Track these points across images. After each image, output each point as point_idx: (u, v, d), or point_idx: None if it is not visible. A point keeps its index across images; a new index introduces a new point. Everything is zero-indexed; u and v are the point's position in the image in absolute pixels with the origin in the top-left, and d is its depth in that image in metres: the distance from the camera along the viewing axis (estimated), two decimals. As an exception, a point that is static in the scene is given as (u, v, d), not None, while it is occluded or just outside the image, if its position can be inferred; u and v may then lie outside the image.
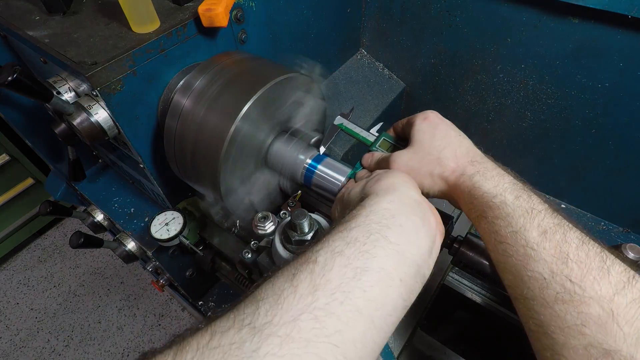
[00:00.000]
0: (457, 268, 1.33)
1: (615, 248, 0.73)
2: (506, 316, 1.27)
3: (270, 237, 0.82)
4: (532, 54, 1.48)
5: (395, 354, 1.05)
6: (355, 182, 0.88)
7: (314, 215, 0.78)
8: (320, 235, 0.75)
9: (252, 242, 0.89)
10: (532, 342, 0.65)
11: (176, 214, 1.33)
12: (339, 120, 1.14)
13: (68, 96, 1.03)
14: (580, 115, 1.51)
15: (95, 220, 1.56)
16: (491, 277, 0.88)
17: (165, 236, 1.29)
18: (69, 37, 1.02)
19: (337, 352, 0.44)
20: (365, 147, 1.11)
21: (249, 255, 0.89)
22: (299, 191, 1.10)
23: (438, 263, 1.23)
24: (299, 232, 0.75)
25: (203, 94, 1.01)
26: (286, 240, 0.77)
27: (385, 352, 0.85)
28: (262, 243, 0.86)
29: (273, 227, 0.83)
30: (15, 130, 1.45)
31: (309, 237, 0.75)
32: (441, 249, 0.92)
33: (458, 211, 1.33)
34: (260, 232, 0.83)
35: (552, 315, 0.59)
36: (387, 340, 0.82)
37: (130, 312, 2.83)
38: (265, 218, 0.83)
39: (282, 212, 0.90)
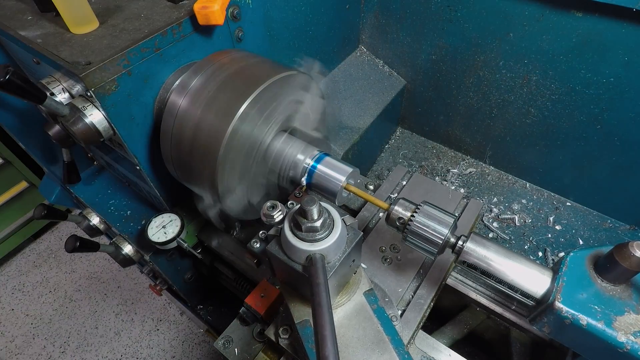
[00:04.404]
0: (459, 267, 1.31)
1: (622, 246, 0.70)
2: (512, 316, 1.24)
3: (279, 226, 0.81)
4: (535, 49, 1.47)
5: (407, 338, 1.04)
6: None
7: (323, 203, 0.77)
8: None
9: (261, 232, 0.88)
10: None
11: (173, 217, 1.31)
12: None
13: (62, 97, 1.00)
14: (585, 111, 1.50)
15: (91, 223, 1.54)
16: (496, 276, 0.86)
17: (162, 239, 1.28)
18: (61, 37, 1.00)
19: None
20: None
21: (258, 245, 0.88)
22: (305, 183, 1.09)
23: (439, 263, 1.22)
24: (309, 219, 0.74)
25: (199, 94, 0.98)
26: (296, 227, 0.76)
27: (396, 340, 0.84)
28: (271, 232, 0.85)
29: (281, 216, 0.82)
30: (8, 133, 1.43)
31: (318, 224, 0.74)
32: (443, 250, 0.91)
33: (460, 209, 1.31)
34: (269, 221, 0.82)
35: None
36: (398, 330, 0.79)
37: (127, 317, 2.79)
38: (274, 207, 0.82)
39: (289, 202, 0.88)
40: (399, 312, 1.09)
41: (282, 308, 1.00)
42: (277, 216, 0.82)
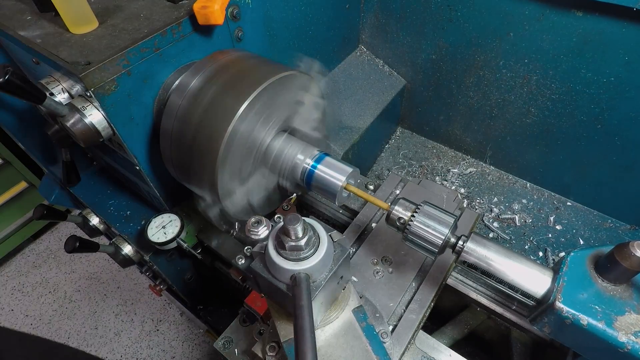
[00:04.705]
0: (459, 267, 1.31)
1: (623, 246, 0.70)
2: (512, 317, 1.24)
3: (264, 243, 0.78)
4: (535, 49, 1.46)
5: (398, 356, 1.03)
6: None
7: (308, 220, 0.74)
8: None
9: (246, 248, 0.86)
10: None
11: (173, 217, 1.31)
12: None
13: (61, 97, 1.00)
14: (585, 110, 1.49)
15: (91, 223, 1.54)
16: (496, 276, 0.85)
17: (162, 239, 1.27)
18: (61, 37, 1.00)
19: None
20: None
21: (243, 262, 0.86)
22: (294, 194, 1.08)
23: (439, 263, 1.21)
24: (292, 237, 0.71)
25: (199, 94, 0.98)
26: (280, 246, 0.73)
27: (382, 357, 0.83)
28: (256, 249, 0.82)
29: (267, 232, 0.80)
30: (7, 133, 1.42)
31: (302, 242, 0.71)
32: (443, 250, 0.91)
33: (460, 210, 1.31)
34: (253, 237, 0.79)
35: None
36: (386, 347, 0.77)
37: (127, 318, 2.79)
38: (258, 223, 0.79)
39: (276, 216, 0.86)
40: (391, 327, 1.07)
41: (270, 324, 0.97)
42: (262, 232, 0.80)
